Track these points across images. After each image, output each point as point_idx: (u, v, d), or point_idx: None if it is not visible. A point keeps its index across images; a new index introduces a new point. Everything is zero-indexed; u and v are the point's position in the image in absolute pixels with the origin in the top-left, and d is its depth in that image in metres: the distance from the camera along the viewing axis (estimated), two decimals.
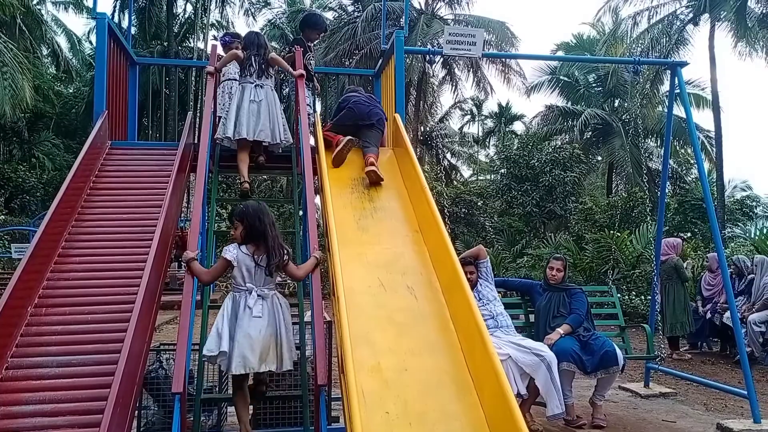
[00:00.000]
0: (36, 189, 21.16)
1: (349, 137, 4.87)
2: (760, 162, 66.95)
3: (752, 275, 8.62)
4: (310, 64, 5.88)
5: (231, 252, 3.59)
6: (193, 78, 22.94)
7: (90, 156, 4.59)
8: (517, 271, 15.39)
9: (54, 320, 3.53)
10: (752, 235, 13.32)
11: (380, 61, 6.54)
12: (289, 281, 19.46)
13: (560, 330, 5.28)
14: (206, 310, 4.19)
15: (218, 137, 5.03)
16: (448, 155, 36.10)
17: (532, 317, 5.88)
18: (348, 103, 5.19)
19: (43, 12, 26.69)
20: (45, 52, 26.81)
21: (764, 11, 21.09)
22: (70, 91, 28.41)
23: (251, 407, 4.28)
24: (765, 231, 11.96)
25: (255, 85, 5.09)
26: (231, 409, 5.46)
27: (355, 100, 5.20)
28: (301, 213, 5.09)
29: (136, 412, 4.55)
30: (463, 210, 21.37)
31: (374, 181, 4.66)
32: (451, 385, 3.11)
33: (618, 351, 5.17)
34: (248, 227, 3.61)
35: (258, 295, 3.56)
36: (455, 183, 31.26)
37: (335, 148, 4.85)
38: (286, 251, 3.67)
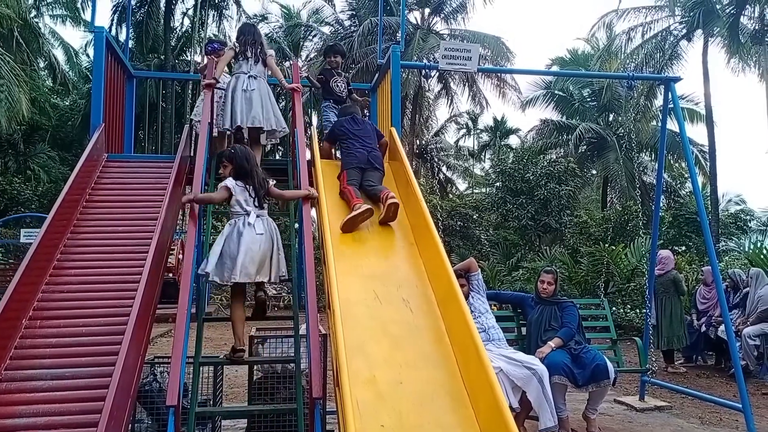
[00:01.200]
0: (31, 201, 21.10)
1: (368, 207, 4.40)
2: (754, 176, 67.34)
3: (747, 288, 8.65)
4: (338, 86, 5.90)
5: (230, 182, 4.12)
6: (190, 91, 23.00)
7: (86, 168, 4.61)
8: (513, 284, 15.40)
9: (49, 333, 3.53)
10: (746, 249, 13.36)
11: (377, 75, 6.59)
12: (284, 294, 19.44)
13: (552, 343, 5.29)
14: (201, 323, 4.19)
15: (216, 127, 5.10)
16: (444, 168, 36.14)
17: (524, 330, 5.89)
18: (343, 136, 5.06)
19: (40, 25, 26.77)
20: (42, 64, 26.84)
21: (756, 27, 21.33)
22: (67, 103, 28.38)
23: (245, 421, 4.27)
24: (759, 244, 12.00)
25: (248, 76, 5.12)
26: (225, 423, 5.45)
27: (350, 140, 4.98)
28: (297, 226, 5.10)
29: (130, 425, 4.53)
30: (459, 223, 21.40)
31: (393, 215, 4.40)
32: (446, 398, 3.11)
33: (609, 364, 5.18)
34: (237, 167, 4.16)
35: (257, 216, 4.09)
36: (451, 196, 31.30)
37: (351, 212, 4.38)
38: (267, 180, 4.28)
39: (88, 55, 29.51)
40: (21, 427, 3.02)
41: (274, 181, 4.64)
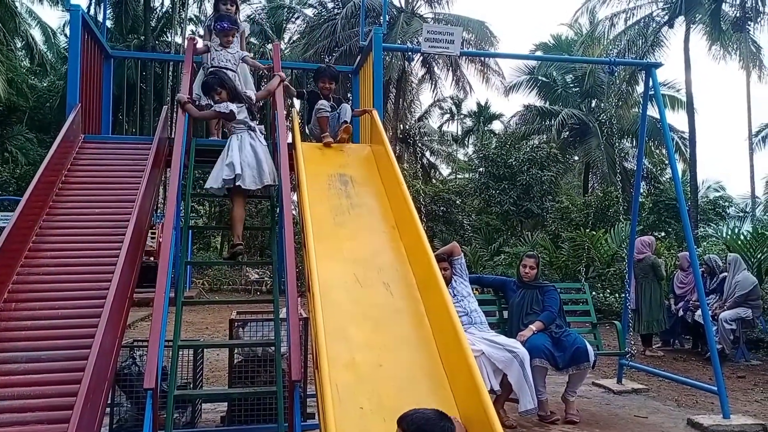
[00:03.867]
0: (9, 184, 20.76)
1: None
2: (734, 163, 68.19)
3: (724, 274, 8.77)
4: (320, 106, 5.24)
5: (232, 105, 4.70)
6: (170, 72, 22.66)
7: (62, 149, 4.52)
8: (494, 269, 15.50)
9: (24, 315, 3.48)
10: (724, 235, 13.53)
11: (359, 57, 6.53)
12: (266, 279, 19.40)
13: (533, 327, 5.34)
14: (179, 305, 4.15)
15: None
16: (427, 153, 36.13)
17: (505, 314, 5.93)
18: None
19: (17, 3, 26.17)
20: (19, 44, 26.28)
21: (738, 14, 21.48)
22: (45, 84, 27.85)
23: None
24: (737, 230, 12.16)
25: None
26: (206, 406, 5.44)
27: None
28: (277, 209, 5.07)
29: (108, 408, 4.50)
30: (442, 208, 21.47)
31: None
32: (425, 381, 3.12)
33: (589, 347, 5.24)
34: (230, 90, 4.77)
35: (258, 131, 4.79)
36: (434, 181, 31.34)
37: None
38: (249, 97, 4.95)
39: (66, 36, 28.89)
40: None
41: (254, 91, 5.23)
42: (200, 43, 5.75)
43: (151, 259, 14.08)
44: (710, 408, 5.90)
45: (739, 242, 10.98)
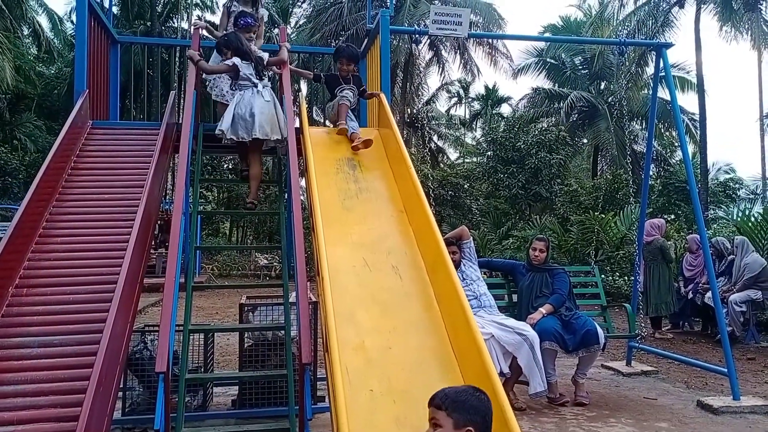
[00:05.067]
0: (18, 171, 20.86)
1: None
2: (744, 145, 67.55)
3: (732, 256, 8.73)
4: (345, 95, 5.20)
5: (236, 60, 4.90)
6: (177, 58, 22.64)
7: (71, 135, 4.52)
8: (503, 252, 15.47)
9: (35, 300, 3.50)
10: (734, 217, 13.44)
11: (366, 41, 6.49)
12: (275, 264, 19.47)
13: (542, 310, 5.34)
14: (190, 290, 4.18)
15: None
16: (435, 138, 36.01)
17: (515, 297, 5.93)
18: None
19: None
20: (26, 32, 26.29)
21: None
22: (52, 71, 27.87)
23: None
24: (747, 212, 12.06)
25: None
26: (217, 390, 5.49)
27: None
28: (286, 195, 5.08)
29: (121, 393, 4.55)
30: (450, 192, 21.40)
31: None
32: (434, 364, 3.13)
33: (599, 330, 5.24)
34: (235, 49, 4.94)
35: (263, 86, 4.95)
36: (442, 166, 31.25)
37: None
38: (262, 58, 5.11)
39: (72, 23, 28.87)
40: (9, 393, 3.01)
41: (268, 55, 5.31)
42: (205, 31, 5.72)
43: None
44: (720, 390, 5.90)
45: (750, 224, 10.90)
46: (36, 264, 3.71)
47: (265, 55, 5.22)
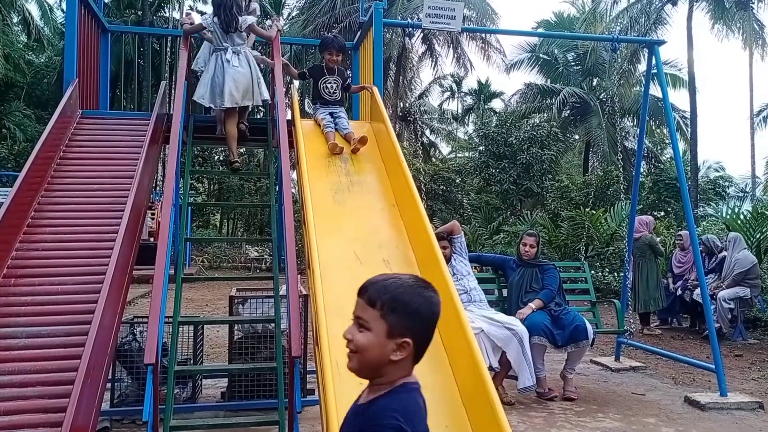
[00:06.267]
0: (7, 160, 20.67)
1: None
2: (734, 143, 67.96)
3: (723, 254, 8.78)
4: (326, 87, 5.14)
5: (206, 18, 4.96)
6: (168, 48, 22.47)
7: (60, 125, 4.48)
8: (494, 247, 15.51)
9: (23, 291, 3.47)
10: (724, 214, 13.54)
11: (359, 33, 6.46)
12: (265, 256, 19.42)
13: (532, 305, 5.35)
14: (179, 283, 4.15)
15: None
16: (427, 132, 36.01)
17: (505, 292, 5.94)
18: None
19: None
20: (15, 19, 25.99)
21: None
22: (42, 60, 27.59)
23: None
24: (736, 210, 12.15)
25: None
26: (206, 382, 5.47)
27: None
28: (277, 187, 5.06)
29: (109, 384, 4.53)
30: (441, 187, 21.43)
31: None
32: (424, 357, 3.09)
33: (588, 325, 5.27)
34: (217, 6, 4.86)
35: (233, 52, 4.85)
36: (434, 160, 31.26)
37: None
38: (237, 16, 4.87)
39: (62, 11, 28.57)
40: None
41: (256, 18, 5.23)
42: (197, 20, 5.67)
43: (152, 240, 14.02)
44: (707, 386, 5.94)
45: (739, 222, 10.98)
46: (24, 254, 3.68)
47: (253, 18, 5.12)
